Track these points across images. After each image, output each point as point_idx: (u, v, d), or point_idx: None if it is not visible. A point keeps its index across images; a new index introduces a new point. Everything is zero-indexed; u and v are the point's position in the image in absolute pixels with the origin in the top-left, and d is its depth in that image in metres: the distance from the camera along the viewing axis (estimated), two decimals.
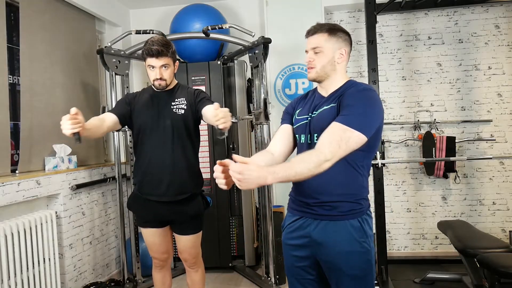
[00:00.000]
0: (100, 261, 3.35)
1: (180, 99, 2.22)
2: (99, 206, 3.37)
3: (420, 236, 3.81)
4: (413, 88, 3.81)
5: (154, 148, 2.19)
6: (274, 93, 3.75)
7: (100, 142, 3.65)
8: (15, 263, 2.37)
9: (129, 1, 3.91)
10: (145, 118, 2.20)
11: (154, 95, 2.24)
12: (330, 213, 1.48)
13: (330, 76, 1.56)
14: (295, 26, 3.68)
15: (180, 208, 2.22)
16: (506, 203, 3.72)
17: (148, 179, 2.22)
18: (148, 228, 2.28)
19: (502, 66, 3.69)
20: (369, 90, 1.48)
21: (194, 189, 2.26)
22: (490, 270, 2.34)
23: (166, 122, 2.18)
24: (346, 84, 1.55)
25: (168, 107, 2.20)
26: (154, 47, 2.07)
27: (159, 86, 2.17)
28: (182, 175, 2.20)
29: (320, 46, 1.54)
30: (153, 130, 2.19)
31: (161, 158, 2.18)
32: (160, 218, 2.25)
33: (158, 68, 2.12)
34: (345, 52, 1.55)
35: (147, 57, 2.11)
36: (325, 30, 1.54)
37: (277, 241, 3.18)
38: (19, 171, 2.68)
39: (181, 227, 2.27)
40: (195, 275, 2.41)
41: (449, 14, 3.74)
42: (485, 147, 3.71)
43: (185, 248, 2.31)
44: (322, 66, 1.54)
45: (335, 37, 1.54)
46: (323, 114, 1.50)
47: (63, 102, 3.14)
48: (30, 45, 2.82)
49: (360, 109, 1.40)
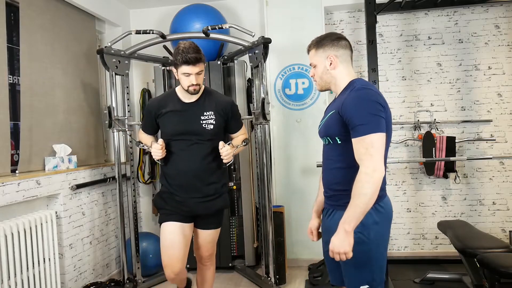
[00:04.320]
0: (100, 261, 3.35)
1: (209, 112, 2.24)
2: (99, 206, 3.37)
3: (420, 236, 3.81)
4: (413, 88, 3.81)
5: (181, 156, 2.23)
6: (274, 93, 3.75)
7: (100, 142, 3.66)
8: (15, 263, 2.37)
9: (129, 1, 3.91)
10: (173, 128, 2.23)
11: (182, 106, 2.24)
12: (336, 203, 1.64)
13: (332, 82, 1.69)
14: (295, 26, 3.68)
15: (207, 203, 2.26)
16: (506, 203, 3.72)
17: (176, 186, 2.25)
18: (171, 222, 2.22)
19: (502, 66, 3.69)
20: (361, 90, 1.55)
21: (221, 189, 2.32)
22: (490, 270, 2.34)
23: (194, 136, 2.21)
24: (349, 85, 1.64)
25: (197, 122, 2.22)
26: (191, 55, 2.09)
27: (194, 91, 2.18)
28: (211, 180, 2.25)
29: (312, 61, 1.71)
30: (180, 139, 2.22)
31: (189, 166, 2.21)
32: (187, 210, 2.24)
33: (194, 74, 2.13)
34: (334, 57, 1.65)
35: (182, 65, 2.11)
36: (313, 46, 1.70)
37: (277, 241, 3.18)
38: (19, 171, 2.68)
39: (205, 221, 2.31)
40: (207, 272, 2.44)
41: (449, 14, 3.74)
42: (485, 147, 3.71)
43: (204, 243, 2.34)
44: (320, 77, 1.70)
45: (321, 48, 1.67)
46: (328, 120, 1.65)
47: (63, 102, 3.14)
48: (30, 45, 2.82)
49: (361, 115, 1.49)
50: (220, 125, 2.28)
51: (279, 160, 3.72)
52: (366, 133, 1.47)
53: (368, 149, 1.46)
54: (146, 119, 2.38)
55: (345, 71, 1.66)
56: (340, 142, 1.60)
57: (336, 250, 1.46)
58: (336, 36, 1.68)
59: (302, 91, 3.71)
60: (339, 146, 1.61)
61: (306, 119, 3.69)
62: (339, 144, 1.61)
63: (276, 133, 3.73)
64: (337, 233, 1.48)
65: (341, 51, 1.66)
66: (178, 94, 2.27)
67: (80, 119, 3.33)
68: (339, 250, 1.45)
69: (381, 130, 1.48)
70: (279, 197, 3.70)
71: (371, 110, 1.49)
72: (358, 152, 1.49)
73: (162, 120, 2.27)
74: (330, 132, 1.63)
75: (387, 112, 1.56)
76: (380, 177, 1.45)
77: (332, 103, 1.74)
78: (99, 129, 3.61)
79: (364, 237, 1.53)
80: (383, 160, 1.49)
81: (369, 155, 1.45)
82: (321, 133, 1.70)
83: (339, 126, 1.58)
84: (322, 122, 1.71)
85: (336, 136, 1.60)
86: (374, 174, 1.44)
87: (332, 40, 1.66)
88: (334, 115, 1.60)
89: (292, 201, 3.67)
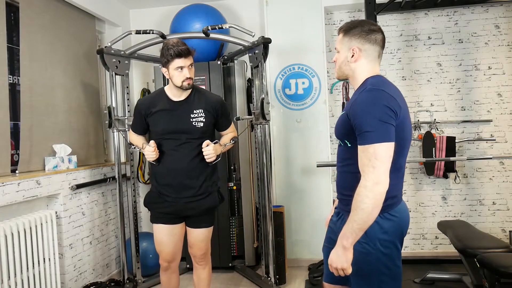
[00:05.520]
0: (100, 261, 3.35)
1: (199, 110, 2.25)
2: (99, 206, 3.37)
3: (420, 236, 3.81)
4: (413, 88, 3.81)
5: (171, 155, 2.24)
6: (274, 93, 3.75)
7: (100, 142, 3.66)
8: (15, 263, 2.37)
9: (129, 1, 3.91)
10: (163, 127, 2.24)
11: (171, 105, 2.25)
12: (345, 208, 1.54)
13: (350, 75, 1.57)
14: (295, 26, 3.68)
15: (197, 203, 2.27)
16: (506, 203, 3.72)
17: (166, 185, 2.25)
18: (161, 224, 2.28)
19: (502, 66, 3.69)
20: (372, 91, 1.43)
21: (211, 187, 2.32)
22: (490, 270, 2.34)
23: (184, 134, 2.22)
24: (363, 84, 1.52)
25: (187, 119, 2.23)
26: (181, 47, 2.12)
27: (188, 85, 2.19)
28: (200, 178, 2.26)
29: (337, 46, 1.59)
30: (170, 139, 2.23)
31: (179, 165, 2.22)
32: (177, 212, 2.27)
33: (187, 67, 2.15)
34: (357, 50, 1.52)
35: (175, 59, 2.13)
36: (342, 31, 1.57)
37: (277, 241, 3.18)
38: (19, 171, 2.68)
39: (196, 220, 2.31)
40: (203, 272, 2.44)
41: (449, 14, 3.74)
42: (485, 147, 3.71)
43: (196, 242, 2.34)
44: (339, 66, 1.59)
45: (348, 36, 1.54)
46: (339, 120, 1.59)
47: (63, 102, 3.14)
48: (30, 45, 2.82)
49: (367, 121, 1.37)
50: (210, 123, 2.29)
51: (279, 160, 3.72)
52: (371, 142, 1.35)
53: (371, 161, 1.34)
54: (135, 119, 2.38)
55: (367, 67, 1.53)
56: (350, 145, 1.51)
57: (334, 265, 1.41)
58: (369, 27, 1.52)
59: (302, 91, 3.71)
60: (349, 149, 1.52)
61: (306, 119, 3.69)
62: (349, 147, 1.52)
63: (276, 133, 3.73)
64: (336, 247, 1.42)
65: (368, 45, 1.51)
66: (167, 93, 2.28)
67: (80, 119, 3.33)
68: (337, 265, 1.40)
69: (388, 139, 1.35)
70: (279, 197, 3.69)
71: (380, 116, 1.36)
72: (361, 161, 1.39)
73: (152, 119, 2.27)
74: (339, 133, 1.56)
75: (400, 116, 1.41)
76: (383, 191, 1.33)
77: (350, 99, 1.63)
78: (99, 129, 3.61)
79: (370, 247, 1.45)
80: (388, 172, 1.35)
81: (371, 167, 1.34)
82: (335, 133, 1.63)
83: (346, 129, 1.49)
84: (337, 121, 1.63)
85: (345, 139, 1.53)
86: (374, 188, 1.33)
87: (362, 31, 1.51)
88: (344, 116, 1.52)
89: (292, 201, 3.67)
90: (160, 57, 2.21)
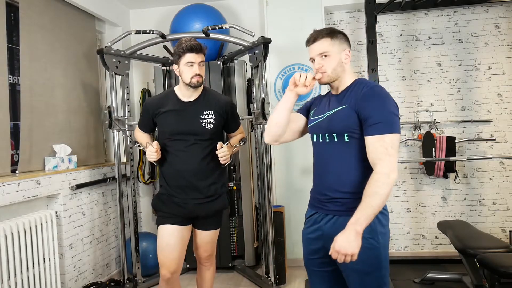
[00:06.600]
0: (100, 261, 3.35)
1: (209, 112, 2.22)
2: (99, 206, 3.37)
3: (420, 236, 3.81)
4: (413, 88, 3.81)
5: (180, 156, 2.21)
6: (274, 93, 3.75)
7: (100, 142, 3.66)
8: (15, 263, 2.37)
9: (129, 1, 3.91)
10: (171, 128, 2.22)
11: (181, 105, 2.23)
12: (340, 209, 1.54)
13: (340, 76, 1.61)
14: (295, 26, 3.68)
15: (207, 205, 2.24)
16: (506, 203, 3.72)
17: (175, 186, 2.23)
18: (169, 225, 2.20)
19: (502, 66, 3.69)
20: (378, 87, 1.53)
21: (221, 189, 2.30)
22: (490, 270, 2.34)
23: (193, 135, 2.19)
24: (356, 83, 1.59)
25: (196, 121, 2.20)
26: (193, 42, 2.12)
27: (197, 83, 2.16)
28: (209, 180, 2.23)
29: (327, 50, 1.58)
30: (179, 140, 2.21)
31: (188, 166, 2.19)
32: (186, 212, 2.22)
33: (197, 64, 2.14)
34: (349, 52, 1.61)
35: (186, 53, 2.11)
36: (326, 35, 1.58)
37: (277, 241, 3.18)
38: (19, 171, 2.68)
39: (204, 222, 2.29)
40: (207, 273, 2.43)
41: (449, 14, 3.74)
42: (485, 147, 3.71)
43: (203, 244, 2.32)
44: (333, 69, 1.58)
45: (337, 39, 1.59)
46: (336, 115, 1.56)
47: (63, 102, 3.14)
48: (30, 45, 2.82)
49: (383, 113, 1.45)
50: (219, 124, 2.27)
51: (279, 160, 3.72)
52: (387, 132, 1.42)
53: (388, 149, 1.41)
54: (143, 117, 2.38)
55: (351, 68, 1.63)
56: (347, 140, 1.52)
57: (343, 251, 1.36)
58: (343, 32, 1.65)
59: None
60: (344, 144, 1.52)
61: None
62: (346, 142, 1.52)
63: None
64: (346, 233, 1.37)
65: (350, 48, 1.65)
66: (176, 93, 2.25)
67: (80, 119, 3.33)
68: (347, 251, 1.35)
69: (399, 131, 1.47)
70: (279, 197, 3.69)
71: (393, 109, 1.46)
72: (376, 150, 1.42)
73: (160, 119, 2.25)
74: (338, 127, 1.53)
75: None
76: (395, 179, 1.41)
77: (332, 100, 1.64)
78: (99, 129, 3.61)
79: (375, 242, 1.48)
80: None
81: (388, 155, 1.40)
82: (321, 128, 1.60)
83: (351, 123, 1.50)
84: (322, 118, 1.61)
85: (345, 133, 1.52)
86: (391, 175, 1.39)
87: (344, 36, 1.62)
88: (345, 110, 1.52)
89: (292, 201, 3.67)
90: (173, 55, 2.19)
